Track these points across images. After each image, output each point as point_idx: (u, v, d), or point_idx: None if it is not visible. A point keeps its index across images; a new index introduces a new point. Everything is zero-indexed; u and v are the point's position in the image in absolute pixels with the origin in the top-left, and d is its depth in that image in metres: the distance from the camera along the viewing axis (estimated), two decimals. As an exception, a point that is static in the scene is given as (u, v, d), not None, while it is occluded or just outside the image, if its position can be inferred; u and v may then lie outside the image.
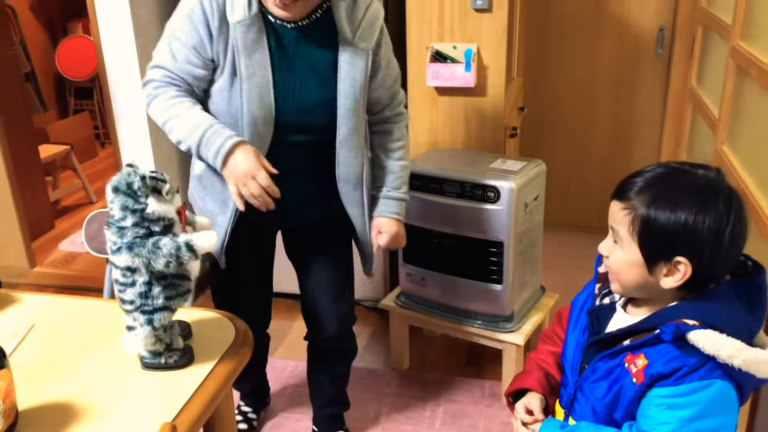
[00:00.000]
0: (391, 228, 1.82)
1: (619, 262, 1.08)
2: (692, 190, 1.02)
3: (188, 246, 1.14)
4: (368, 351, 2.68)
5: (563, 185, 3.58)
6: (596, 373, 1.12)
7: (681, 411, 1.01)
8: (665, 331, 1.00)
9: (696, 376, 1.00)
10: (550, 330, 1.35)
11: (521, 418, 1.23)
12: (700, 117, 2.92)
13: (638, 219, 1.04)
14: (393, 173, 1.82)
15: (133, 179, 1.11)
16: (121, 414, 1.12)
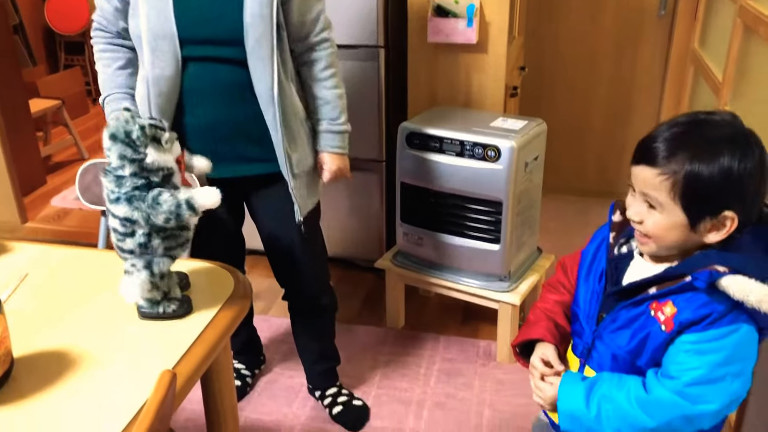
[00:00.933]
0: (332, 163, 1.80)
1: (659, 227, 1.05)
2: (727, 140, 1.00)
3: (189, 204, 1.11)
4: (364, 310, 2.68)
5: (562, 148, 3.56)
6: (617, 321, 1.12)
7: (710, 356, 1.01)
8: (699, 278, 1.00)
9: (724, 322, 1.01)
10: (554, 279, 1.34)
11: (542, 371, 1.20)
12: (701, 80, 2.89)
13: (680, 181, 1.00)
14: (328, 103, 1.78)
15: (132, 128, 1.08)
16: (119, 363, 1.11)
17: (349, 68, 2.54)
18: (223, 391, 1.36)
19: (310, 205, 1.86)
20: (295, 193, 1.77)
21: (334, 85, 1.79)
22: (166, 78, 1.64)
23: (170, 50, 1.63)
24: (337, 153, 1.81)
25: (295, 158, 1.75)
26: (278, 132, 1.69)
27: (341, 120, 1.81)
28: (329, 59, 1.78)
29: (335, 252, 2.89)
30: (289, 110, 1.72)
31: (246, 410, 2.14)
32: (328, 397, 2.14)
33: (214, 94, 1.68)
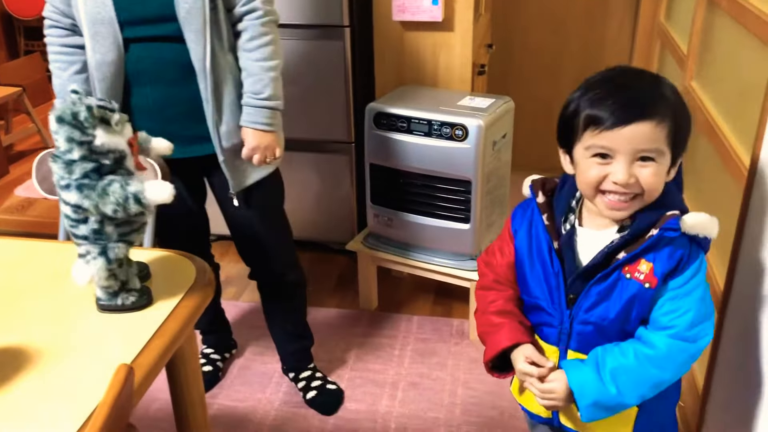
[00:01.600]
0: (250, 139, 1.73)
1: (657, 178, 1.06)
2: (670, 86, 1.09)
3: (136, 198, 1.07)
4: (337, 293, 2.67)
5: (530, 126, 3.55)
6: (591, 297, 1.12)
7: (694, 293, 1.07)
8: (671, 228, 1.05)
9: (693, 257, 1.07)
10: (487, 281, 1.28)
11: (539, 374, 1.14)
12: (668, 54, 2.89)
13: (672, 124, 1.05)
14: (252, 75, 1.71)
15: (79, 109, 1.04)
16: (77, 357, 1.08)
17: (315, 48, 2.50)
18: (189, 380, 1.34)
19: (246, 181, 1.80)
20: (226, 167, 1.75)
21: (262, 57, 1.71)
22: (108, 63, 1.63)
23: (110, 34, 1.61)
24: (257, 129, 1.73)
25: (224, 130, 1.72)
26: (209, 103, 1.67)
27: (264, 94, 1.71)
28: (257, 29, 1.70)
29: (307, 235, 2.87)
30: (222, 81, 1.69)
31: (219, 397, 2.12)
32: (302, 380, 2.13)
33: (159, 75, 1.66)
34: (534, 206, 1.19)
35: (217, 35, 1.66)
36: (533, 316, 1.22)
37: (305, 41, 2.48)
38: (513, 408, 2.05)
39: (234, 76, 1.73)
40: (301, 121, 2.62)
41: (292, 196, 2.76)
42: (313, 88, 2.56)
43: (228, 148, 1.74)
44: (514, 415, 2.02)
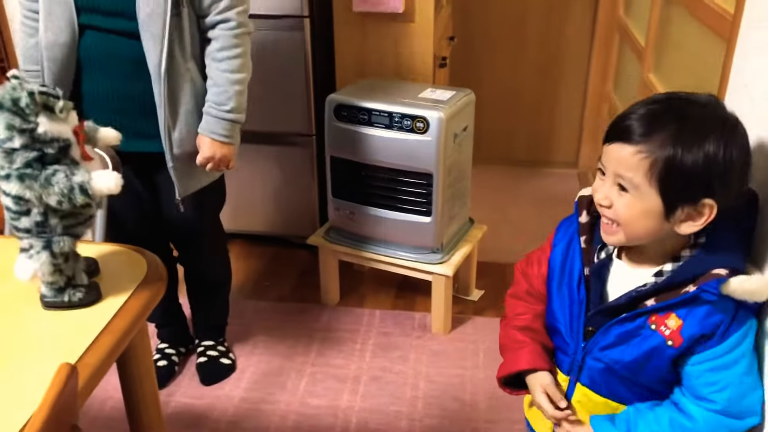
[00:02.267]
0: (206, 148, 1.72)
1: (631, 212, 0.95)
2: (713, 122, 0.91)
3: (82, 188, 1.03)
4: (299, 288, 2.63)
5: (492, 119, 3.56)
6: (609, 337, 1.02)
7: (738, 365, 0.95)
8: (708, 291, 0.92)
9: (735, 326, 0.94)
10: (519, 290, 1.21)
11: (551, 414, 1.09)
12: (627, 47, 2.93)
13: (660, 162, 0.90)
14: (218, 86, 1.70)
15: (20, 95, 0.99)
16: (19, 356, 1.04)
17: (274, 39, 2.46)
18: (142, 377, 1.30)
19: (193, 186, 1.81)
20: (174, 172, 1.74)
21: (230, 69, 1.69)
22: (60, 45, 1.61)
23: (65, 17, 1.59)
24: (214, 139, 1.72)
25: (176, 137, 1.70)
26: (162, 108, 1.66)
27: (227, 107, 1.70)
28: (229, 40, 1.69)
29: (268, 230, 2.83)
30: (178, 88, 1.67)
31: (176, 394, 2.08)
32: (201, 346, 2.18)
33: (110, 66, 1.65)
34: (575, 225, 1.11)
35: (178, 41, 1.64)
36: (555, 338, 1.15)
37: (265, 31, 2.44)
38: (473, 400, 2.06)
39: (194, 83, 1.71)
40: (260, 113, 2.57)
41: (253, 189, 2.73)
42: (273, 80, 2.52)
43: (179, 155, 1.73)
44: (476, 408, 2.03)
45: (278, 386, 2.11)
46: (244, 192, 2.73)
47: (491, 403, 2.04)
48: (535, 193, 3.42)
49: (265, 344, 2.30)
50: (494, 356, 2.20)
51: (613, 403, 1.07)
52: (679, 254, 1.00)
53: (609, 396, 1.07)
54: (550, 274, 1.14)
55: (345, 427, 1.96)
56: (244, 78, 1.73)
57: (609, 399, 1.07)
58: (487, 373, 2.16)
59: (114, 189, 1.06)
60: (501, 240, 2.97)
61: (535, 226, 3.09)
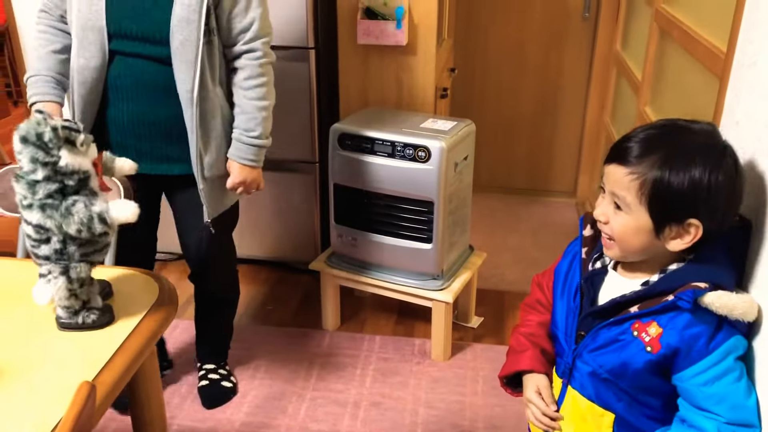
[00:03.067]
0: (237, 173, 1.81)
1: (624, 229, 1.03)
2: (701, 148, 0.98)
3: (101, 217, 1.08)
4: (300, 313, 2.66)
5: (491, 147, 3.63)
6: (597, 341, 1.09)
7: (728, 376, 1.00)
8: (683, 299, 0.98)
9: (720, 339, 0.99)
10: (531, 299, 1.31)
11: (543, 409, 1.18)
12: (624, 80, 3.00)
13: (649, 183, 0.98)
14: (246, 113, 1.78)
15: (44, 129, 1.04)
16: (37, 375, 1.07)
17: (280, 69, 2.51)
18: (150, 398, 1.33)
19: (221, 208, 1.88)
20: (204, 195, 1.80)
21: (257, 97, 1.78)
22: (90, 69, 1.67)
23: (97, 41, 1.65)
24: (244, 164, 1.80)
25: (207, 161, 1.76)
26: (194, 133, 1.71)
27: (255, 132, 1.79)
28: (255, 69, 1.77)
29: (270, 254, 2.87)
30: (209, 114, 1.73)
31: (178, 417, 2.10)
32: (203, 369, 2.21)
33: (137, 91, 1.69)
34: (580, 238, 1.19)
35: (209, 68, 1.70)
36: (554, 344, 1.23)
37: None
38: (472, 427, 2.07)
39: (221, 109, 1.77)
40: (265, 140, 2.63)
41: (257, 215, 2.77)
42: (278, 108, 2.55)
43: (209, 178, 1.79)
44: (475, 434, 2.05)
45: (279, 410, 2.13)
46: (248, 217, 2.77)
47: (490, 430, 2.06)
48: (534, 222, 3.46)
49: (266, 368, 2.32)
50: (493, 384, 2.24)
51: (599, 408, 1.12)
52: (666, 268, 1.07)
53: (596, 401, 1.12)
54: (555, 283, 1.23)
55: (345, 451, 1.98)
56: (269, 105, 1.82)
57: (596, 404, 1.12)
58: (487, 400, 2.18)
59: (131, 218, 1.11)
60: (500, 267, 3.00)
61: (534, 254, 3.14)
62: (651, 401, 1.08)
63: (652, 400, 1.08)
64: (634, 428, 1.10)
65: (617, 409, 1.10)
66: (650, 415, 1.10)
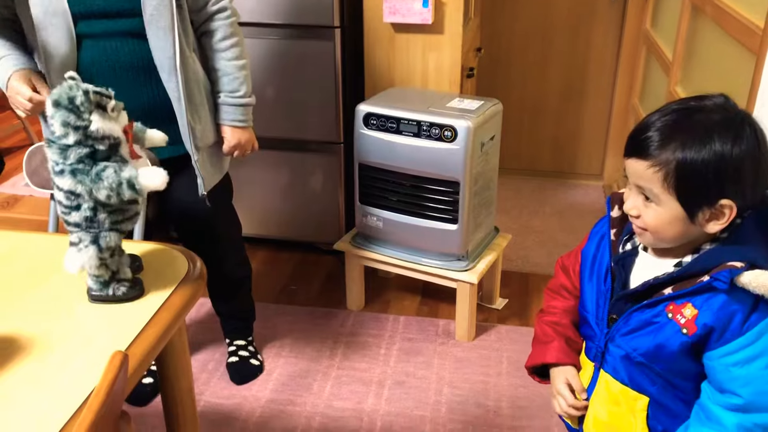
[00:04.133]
0: (231, 136, 1.80)
1: (658, 220, 1.01)
2: (718, 124, 0.96)
3: (130, 183, 1.09)
4: (324, 293, 2.68)
5: (518, 129, 3.59)
6: (630, 324, 1.08)
7: (760, 360, 0.98)
8: (720, 279, 0.96)
9: (754, 320, 0.98)
10: (555, 283, 1.29)
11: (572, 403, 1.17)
12: (653, 60, 2.94)
13: (672, 172, 0.97)
14: (227, 75, 1.76)
15: (76, 93, 1.05)
16: (69, 347, 1.09)
17: (305, 49, 2.52)
18: (179, 373, 1.35)
19: (215, 179, 1.87)
20: (199, 166, 1.77)
21: (234, 56, 1.76)
22: (60, 56, 1.61)
23: (62, 26, 1.58)
24: (236, 126, 1.80)
25: (199, 130, 1.74)
26: (181, 103, 1.68)
27: (241, 92, 1.78)
28: (228, 29, 1.75)
29: (295, 235, 2.88)
30: (192, 81, 1.71)
31: (205, 394, 2.12)
32: (233, 345, 2.22)
33: (115, 76, 1.64)
34: (608, 219, 1.17)
35: (184, 34, 1.67)
36: (583, 327, 1.22)
37: (296, 41, 2.50)
38: (497, 406, 2.07)
39: (197, 74, 1.74)
40: (290, 120, 2.63)
41: (280, 196, 2.78)
42: (303, 88, 2.57)
43: (202, 148, 1.76)
44: (499, 413, 2.04)
45: (304, 388, 2.15)
46: (272, 198, 2.78)
47: (515, 410, 2.06)
48: (560, 204, 3.43)
49: (291, 347, 2.34)
50: (518, 365, 2.23)
51: (631, 391, 1.11)
52: (700, 248, 1.05)
53: (630, 385, 1.11)
54: (582, 266, 1.21)
55: (370, 429, 1.99)
56: (247, 63, 1.81)
57: (629, 387, 1.11)
58: (511, 381, 2.18)
59: (160, 186, 1.12)
60: (525, 250, 2.99)
61: (559, 236, 3.11)
62: (685, 384, 1.07)
63: (686, 383, 1.07)
64: (668, 411, 1.09)
65: (651, 392, 1.09)
66: (684, 398, 1.08)
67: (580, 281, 1.21)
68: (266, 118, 2.65)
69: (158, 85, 1.67)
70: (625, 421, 1.13)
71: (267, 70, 2.56)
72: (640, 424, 1.11)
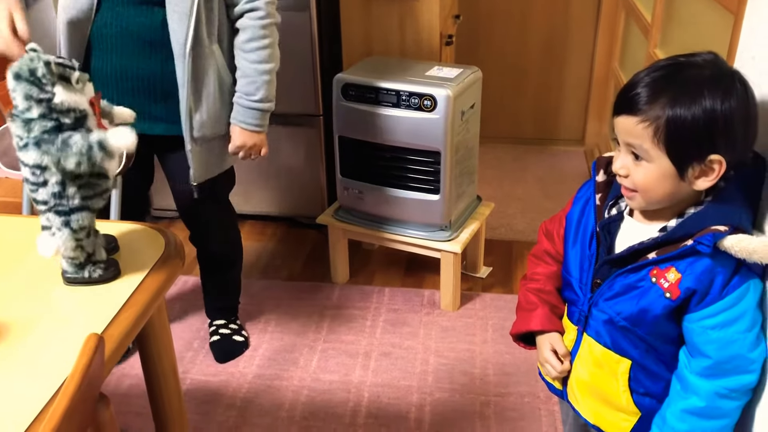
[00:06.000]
0: (237, 137, 1.77)
1: (648, 178, 1.00)
2: (708, 79, 0.96)
3: (101, 145, 1.05)
4: (308, 267, 2.67)
5: (497, 96, 3.57)
6: (615, 288, 1.08)
7: (738, 323, 0.99)
8: (703, 243, 0.96)
9: (735, 283, 0.99)
10: (539, 249, 1.29)
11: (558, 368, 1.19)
12: (632, 23, 2.92)
13: (662, 126, 0.96)
14: (246, 77, 1.73)
15: (37, 65, 1.01)
16: (45, 330, 1.07)
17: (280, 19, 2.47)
18: (161, 353, 1.34)
19: (211, 172, 1.83)
20: (192, 156, 1.74)
21: (258, 60, 1.72)
22: (78, 11, 1.61)
23: None
24: (244, 128, 1.76)
25: (197, 120, 1.71)
26: (184, 89, 1.66)
27: (257, 96, 1.74)
28: (257, 31, 1.71)
29: (277, 210, 2.86)
30: (202, 70, 1.67)
31: (191, 372, 2.12)
32: (213, 325, 2.22)
33: (122, 42, 1.64)
34: (593, 183, 1.16)
35: (206, 23, 1.64)
36: (566, 291, 1.22)
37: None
38: (483, 374, 2.09)
39: (218, 68, 1.72)
40: (268, 94, 2.59)
41: (261, 170, 2.75)
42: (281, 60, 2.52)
43: (198, 138, 1.73)
44: (485, 380, 2.06)
45: (291, 362, 2.15)
46: (253, 173, 2.75)
47: (501, 377, 2.07)
48: (542, 171, 3.43)
49: (276, 322, 2.34)
50: (503, 332, 2.24)
51: (614, 355, 1.12)
52: (684, 212, 1.05)
53: (613, 348, 1.12)
54: (567, 230, 1.20)
55: (357, 401, 2.00)
56: (273, 68, 1.76)
57: (612, 351, 1.12)
58: (496, 348, 2.19)
59: (130, 147, 1.09)
60: (508, 218, 2.99)
61: (542, 203, 3.12)
62: (667, 348, 1.08)
63: (668, 347, 1.08)
64: (650, 373, 1.10)
65: (633, 355, 1.10)
66: (666, 360, 1.09)
67: (564, 246, 1.21)
68: (243, 92, 2.61)
69: (165, 62, 1.65)
70: (607, 383, 1.14)
71: (242, 42, 2.51)
72: (621, 386, 1.12)
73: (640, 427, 1.14)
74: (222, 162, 1.85)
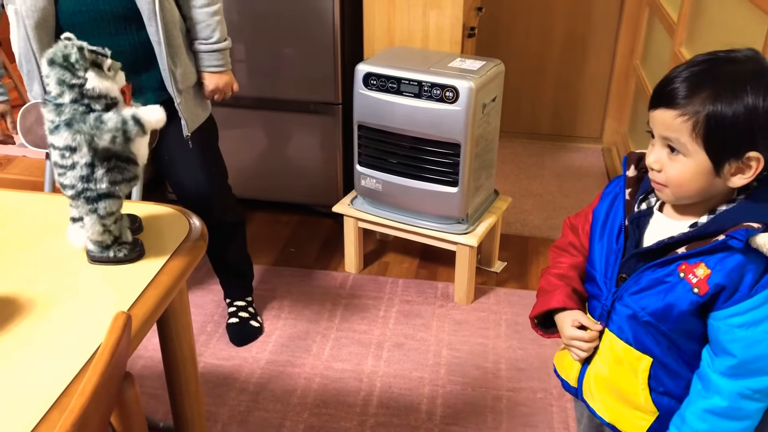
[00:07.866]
0: (210, 82, 1.86)
1: (683, 173, 0.99)
2: (751, 75, 0.95)
3: (135, 119, 1.07)
4: (323, 255, 2.67)
5: (516, 91, 3.55)
6: (641, 283, 1.07)
7: (766, 323, 0.98)
8: (736, 237, 0.95)
9: (764, 282, 0.97)
10: (563, 241, 1.28)
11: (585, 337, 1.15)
12: (656, 21, 2.89)
13: (702, 121, 0.95)
14: (199, 23, 1.79)
15: (70, 51, 1.03)
16: (71, 307, 1.07)
17: (303, 8, 2.46)
18: (180, 335, 1.34)
19: (200, 119, 1.90)
20: (181, 108, 1.81)
21: (205, 3, 1.78)
22: (39, 10, 1.59)
23: None
24: (212, 71, 1.85)
25: (179, 73, 1.77)
26: (161, 47, 1.70)
27: (214, 38, 1.81)
28: None
29: (293, 198, 2.86)
30: (170, 24, 1.72)
31: (204, 356, 2.12)
32: (233, 306, 2.23)
33: (97, 26, 1.65)
34: (623, 179, 1.16)
35: None
36: (588, 286, 1.21)
37: None
38: (495, 368, 2.08)
39: (176, 18, 1.76)
40: (288, 81, 2.59)
41: (278, 158, 2.75)
42: (302, 48, 2.52)
43: (183, 90, 1.80)
44: (497, 375, 2.06)
45: (304, 350, 2.15)
46: (269, 160, 2.75)
47: (513, 372, 2.07)
48: (559, 167, 3.41)
49: (290, 309, 2.34)
50: (516, 327, 2.24)
51: (635, 351, 1.10)
52: (716, 209, 1.04)
53: (634, 344, 1.10)
54: (593, 224, 1.19)
55: (369, 391, 2.00)
56: (219, 8, 1.82)
57: (633, 347, 1.11)
58: (510, 343, 2.18)
59: (162, 121, 1.11)
60: (524, 213, 2.98)
61: (559, 199, 3.10)
62: (690, 345, 1.07)
63: (691, 344, 1.07)
64: (670, 371, 1.09)
65: (655, 352, 1.09)
66: (687, 359, 1.08)
67: (590, 240, 1.20)
68: (264, 79, 2.61)
69: (138, 33, 1.70)
70: (627, 380, 1.13)
71: (264, 29, 2.50)
72: (641, 384, 1.11)
73: (657, 427, 1.13)
74: (205, 106, 1.93)
